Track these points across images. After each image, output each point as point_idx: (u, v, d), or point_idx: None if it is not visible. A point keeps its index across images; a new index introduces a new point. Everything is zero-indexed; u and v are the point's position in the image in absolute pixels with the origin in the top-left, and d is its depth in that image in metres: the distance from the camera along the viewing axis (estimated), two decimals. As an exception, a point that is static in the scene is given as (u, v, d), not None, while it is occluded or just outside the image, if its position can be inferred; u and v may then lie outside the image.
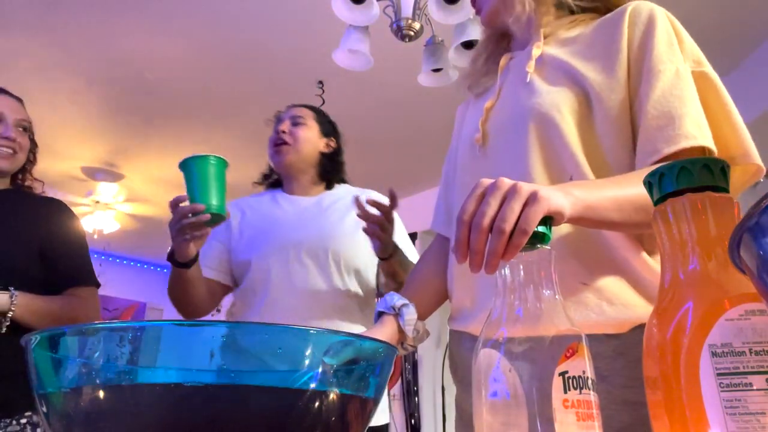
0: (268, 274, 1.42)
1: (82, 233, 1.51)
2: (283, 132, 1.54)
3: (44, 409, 0.35)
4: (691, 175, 0.44)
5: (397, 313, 0.89)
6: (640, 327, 0.71)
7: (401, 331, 0.88)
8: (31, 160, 1.51)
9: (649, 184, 0.47)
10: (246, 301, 1.46)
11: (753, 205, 0.28)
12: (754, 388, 0.36)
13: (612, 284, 0.74)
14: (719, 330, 0.38)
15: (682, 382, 0.38)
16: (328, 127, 1.67)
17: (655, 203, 0.47)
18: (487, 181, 0.56)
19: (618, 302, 0.72)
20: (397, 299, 0.90)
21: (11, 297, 1.23)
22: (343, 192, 1.61)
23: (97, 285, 1.47)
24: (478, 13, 1.00)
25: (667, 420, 0.39)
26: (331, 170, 1.63)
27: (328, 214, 1.52)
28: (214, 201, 1.14)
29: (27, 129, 1.44)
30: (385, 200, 1.30)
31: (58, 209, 1.49)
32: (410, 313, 0.89)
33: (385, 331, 0.87)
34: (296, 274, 1.42)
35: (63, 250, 1.44)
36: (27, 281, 1.32)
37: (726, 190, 0.44)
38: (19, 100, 1.48)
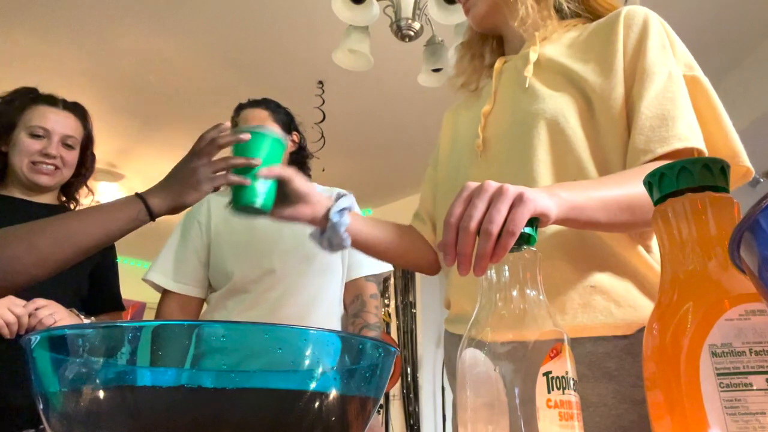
0: (252, 284, 1.40)
1: (117, 262, 1.56)
2: None
3: (44, 409, 0.35)
4: (691, 175, 0.44)
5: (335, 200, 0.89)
6: None
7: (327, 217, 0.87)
8: (83, 173, 1.50)
9: (649, 184, 0.47)
10: (224, 305, 1.43)
11: (753, 205, 0.28)
12: (754, 388, 0.36)
13: (619, 286, 0.74)
14: (719, 330, 0.38)
15: (682, 382, 0.38)
16: (287, 121, 1.58)
17: (655, 203, 0.47)
18: (473, 184, 0.56)
19: (625, 304, 0.73)
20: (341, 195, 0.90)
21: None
22: None
23: (123, 309, 1.51)
24: (466, 13, 0.98)
25: (667, 420, 0.39)
26: (299, 167, 1.57)
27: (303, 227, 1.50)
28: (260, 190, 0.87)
29: (73, 146, 1.42)
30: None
31: None
32: (348, 201, 0.89)
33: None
34: (279, 279, 1.41)
35: (109, 277, 1.49)
36: (77, 300, 1.37)
37: (726, 190, 0.44)
38: (77, 112, 1.45)
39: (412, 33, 2.03)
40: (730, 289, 0.39)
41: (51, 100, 1.42)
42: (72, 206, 1.52)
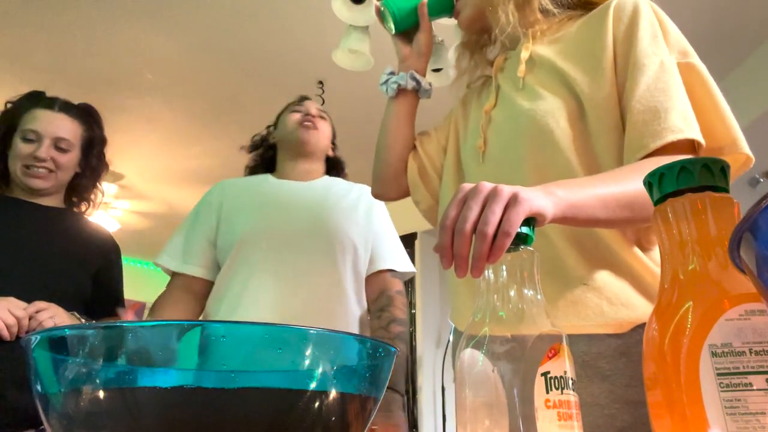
0: (254, 256, 1.35)
1: (122, 265, 1.56)
2: (313, 116, 1.57)
3: (44, 409, 0.35)
4: (691, 175, 0.44)
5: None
6: (641, 326, 0.71)
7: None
8: (88, 175, 1.49)
9: (649, 184, 0.47)
10: (224, 284, 1.37)
11: (753, 205, 0.28)
12: (754, 388, 0.36)
13: (612, 284, 0.74)
14: (719, 330, 0.38)
15: (682, 382, 0.38)
16: (333, 134, 1.72)
17: (655, 203, 0.47)
18: (468, 186, 0.56)
19: (618, 302, 0.72)
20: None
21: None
22: (336, 181, 1.62)
23: (124, 309, 1.52)
24: (455, 17, 1.00)
25: (667, 420, 0.39)
26: (333, 172, 1.67)
27: (323, 198, 1.49)
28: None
29: (66, 149, 1.39)
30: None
31: (112, 239, 1.54)
32: (427, 85, 1.07)
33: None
34: (287, 256, 1.36)
35: (113, 281, 1.50)
36: (79, 303, 1.36)
37: (726, 190, 0.44)
38: (74, 113, 1.43)
39: (412, 33, 2.03)
40: (730, 289, 0.39)
41: (48, 103, 1.40)
42: (83, 208, 1.52)
